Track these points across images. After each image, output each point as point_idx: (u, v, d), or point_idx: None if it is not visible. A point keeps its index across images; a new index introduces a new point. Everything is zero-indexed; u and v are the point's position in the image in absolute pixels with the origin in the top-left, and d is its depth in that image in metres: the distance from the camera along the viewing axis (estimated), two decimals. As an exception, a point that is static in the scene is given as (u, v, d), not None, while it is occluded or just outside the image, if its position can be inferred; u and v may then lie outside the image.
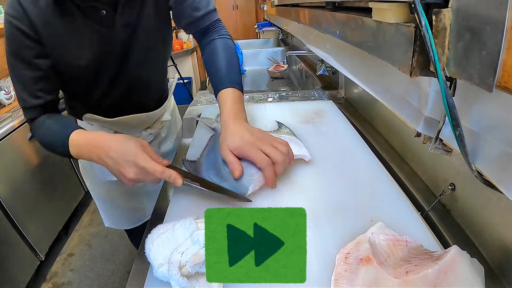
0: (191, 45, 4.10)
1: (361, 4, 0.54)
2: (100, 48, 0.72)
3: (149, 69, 0.85)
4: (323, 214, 0.60)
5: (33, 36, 0.66)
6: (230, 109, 0.70)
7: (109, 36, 0.72)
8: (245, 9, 5.56)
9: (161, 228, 0.54)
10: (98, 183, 1.00)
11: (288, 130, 0.85)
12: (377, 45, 0.47)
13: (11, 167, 1.63)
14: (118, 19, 0.71)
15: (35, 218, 1.74)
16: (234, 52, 0.80)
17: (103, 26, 0.71)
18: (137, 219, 1.09)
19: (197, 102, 1.33)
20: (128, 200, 1.03)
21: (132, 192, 1.02)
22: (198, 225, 0.52)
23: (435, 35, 0.33)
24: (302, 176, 0.71)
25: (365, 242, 0.49)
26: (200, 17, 0.79)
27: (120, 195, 1.02)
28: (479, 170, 0.38)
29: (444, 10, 0.31)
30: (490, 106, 0.36)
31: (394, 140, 0.88)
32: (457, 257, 0.42)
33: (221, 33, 0.82)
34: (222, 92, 0.73)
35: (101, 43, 0.72)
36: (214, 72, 0.76)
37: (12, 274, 1.54)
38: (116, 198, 1.02)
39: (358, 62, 0.71)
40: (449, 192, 0.61)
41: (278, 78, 2.08)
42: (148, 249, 0.51)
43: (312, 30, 1.05)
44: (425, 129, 0.51)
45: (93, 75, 0.76)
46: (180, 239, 0.50)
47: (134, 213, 1.06)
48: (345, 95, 1.31)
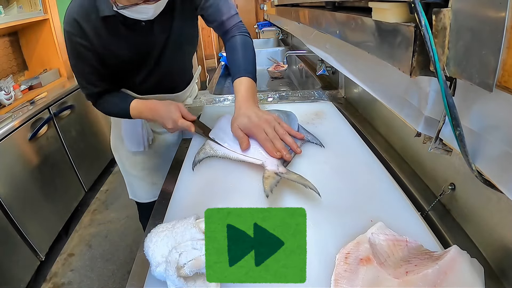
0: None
1: (361, 4, 0.54)
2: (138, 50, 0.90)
3: (179, 63, 1.05)
4: (323, 214, 0.60)
5: (88, 45, 0.84)
6: (243, 94, 0.84)
7: (148, 41, 0.90)
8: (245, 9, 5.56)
9: (161, 227, 0.54)
10: (127, 156, 1.18)
11: None
12: (377, 45, 0.47)
13: (11, 167, 1.63)
14: (156, 27, 0.88)
15: (35, 218, 1.74)
16: (251, 47, 0.95)
17: (143, 35, 0.88)
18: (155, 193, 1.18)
19: (197, 102, 1.34)
20: (149, 173, 1.20)
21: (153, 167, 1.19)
22: (199, 225, 0.52)
23: (435, 35, 0.33)
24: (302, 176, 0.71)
25: (365, 242, 0.49)
26: (224, 20, 0.95)
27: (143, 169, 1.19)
28: (479, 170, 0.38)
29: (444, 10, 0.31)
30: (490, 106, 0.36)
31: (394, 140, 0.88)
32: (457, 257, 0.42)
33: (241, 31, 0.96)
34: (238, 79, 0.88)
35: (140, 47, 0.90)
36: (232, 62, 0.93)
37: (12, 274, 1.54)
38: (140, 170, 1.19)
39: (358, 62, 0.71)
40: (449, 192, 0.61)
41: (278, 78, 2.08)
42: (147, 247, 0.52)
43: (312, 30, 1.05)
44: (425, 129, 0.51)
45: (134, 69, 0.95)
46: (179, 239, 0.50)
47: (154, 186, 1.22)
48: (345, 95, 1.31)
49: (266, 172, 0.69)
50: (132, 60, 0.92)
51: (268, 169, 0.70)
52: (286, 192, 0.67)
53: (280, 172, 0.68)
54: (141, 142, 1.12)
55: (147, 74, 0.98)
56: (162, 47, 0.93)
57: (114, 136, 1.19)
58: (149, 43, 0.90)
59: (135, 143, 1.12)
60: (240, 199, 0.67)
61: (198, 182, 0.74)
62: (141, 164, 1.19)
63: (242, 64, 0.91)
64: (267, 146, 0.73)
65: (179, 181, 0.75)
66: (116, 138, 1.19)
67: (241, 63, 0.91)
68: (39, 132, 1.84)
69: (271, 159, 0.72)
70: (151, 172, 1.20)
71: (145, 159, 1.18)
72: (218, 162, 0.79)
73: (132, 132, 1.10)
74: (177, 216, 0.59)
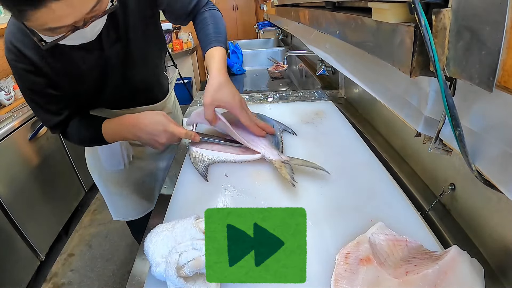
0: (191, 45, 4.10)
1: (361, 4, 0.54)
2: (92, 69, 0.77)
3: (150, 69, 0.92)
4: (323, 214, 0.60)
5: (35, 71, 0.71)
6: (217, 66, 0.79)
7: (99, 56, 0.76)
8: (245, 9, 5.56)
9: (161, 227, 0.54)
10: (106, 175, 1.06)
11: None
12: (377, 45, 0.47)
13: (11, 167, 1.63)
14: (105, 41, 0.74)
15: (36, 218, 1.74)
16: (220, 19, 0.90)
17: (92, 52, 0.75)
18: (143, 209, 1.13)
19: (197, 102, 1.34)
20: (134, 190, 1.09)
21: (137, 182, 1.08)
22: (199, 225, 0.52)
23: (435, 35, 0.33)
24: (302, 176, 0.71)
25: (365, 242, 0.49)
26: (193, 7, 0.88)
27: (127, 186, 1.07)
28: (479, 170, 0.38)
29: (443, 10, 0.31)
30: (490, 106, 0.36)
31: (394, 140, 0.88)
32: (457, 257, 0.42)
33: (208, 7, 0.91)
34: (211, 49, 0.82)
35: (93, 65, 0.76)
36: (203, 34, 0.86)
37: (13, 274, 1.54)
38: (123, 188, 1.08)
39: (358, 62, 0.71)
40: (449, 192, 0.61)
41: (278, 78, 2.08)
42: (147, 247, 0.52)
43: (312, 30, 1.05)
44: (425, 129, 0.51)
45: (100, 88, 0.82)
46: (179, 239, 0.50)
47: (140, 202, 1.12)
48: (345, 95, 1.31)
49: (274, 162, 0.70)
50: (89, 80, 0.78)
51: (274, 160, 0.71)
52: (286, 192, 0.67)
53: (285, 160, 0.69)
54: (120, 160, 1.01)
55: (116, 90, 0.85)
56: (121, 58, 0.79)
57: (90, 154, 1.07)
58: (101, 58, 0.76)
59: (114, 162, 1.01)
60: (240, 199, 0.67)
61: (198, 182, 0.74)
62: (125, 181, 1.08)
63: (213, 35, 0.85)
64: (253, 128, 0.77)
65: (179, 181, 0.75)
66: (92, 157, 1.06)
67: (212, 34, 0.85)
68: (39, 132, 1.84)
69: (269, 149, 0.74)
70: (137, 188, 1.10)
71: (128, 175, 1.07)
72: (218, 162, 0.79)
73: (110, 149, 0.98)
74: (177, 216, 0.59)
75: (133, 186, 1.09)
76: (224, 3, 5.40)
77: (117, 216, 1.15)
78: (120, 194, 1.10)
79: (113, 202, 1.13)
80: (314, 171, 0.72)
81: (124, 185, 1.08)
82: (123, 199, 1.11)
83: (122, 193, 1.09)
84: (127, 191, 1.09)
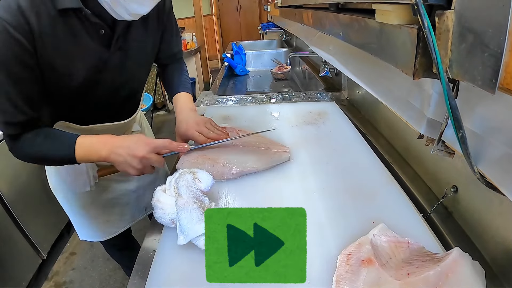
0: (195, 46, 4.10)
1: (364, 6, 0.54)
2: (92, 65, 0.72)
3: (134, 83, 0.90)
4: (325, 215, 0.60)
5: (29, 47, 0.61)
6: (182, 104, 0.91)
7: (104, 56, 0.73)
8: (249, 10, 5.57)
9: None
10: (71, 197, 1.00)
11: None
12: (380, 47, 0.47)
13: (13, 166, 1.64)
14: (114, 43, 0.72)
15: (37, 217, 1.75)
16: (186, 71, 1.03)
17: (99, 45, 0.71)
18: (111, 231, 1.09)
19: (201, 102, 1.34)
20: (102, 212, 1.04)
21: (105, 203, 1.03)
22: (195, 176, 0.63)
23: (438, 37, 0.33)
24: (304, 177, 0.71)
25: (366, 243, 0.49)
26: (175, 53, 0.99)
27: (94, 207, 1.02)
28: (482, 172, 0.38)
29: (447, 12, 0.31)
30: (492, 108, 0.36)
31: (397, 141, 0.88)
32: (458, 259, 0.42)
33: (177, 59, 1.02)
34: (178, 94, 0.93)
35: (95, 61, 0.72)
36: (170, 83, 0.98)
37: (14, 273, 1.54)
38: (90, 209, 1.02)
39: (361, 63, 0.71)
40: (451, 194, 0.61)
41: (281, 80, 2.08)
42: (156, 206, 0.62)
43: (316, 31, 1.05)
44: (428, 131, 0.51)
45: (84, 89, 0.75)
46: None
47: (108, 224, 1.07)
48: (348, 97, 1.30)
49: None
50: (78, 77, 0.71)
51: None
52: (287, 192, 0.67)
53: None
54: (86, 181, 0.93)
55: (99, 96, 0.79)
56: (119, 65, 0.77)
57: (52, 174, 0.98)
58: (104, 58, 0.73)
59: (80, 183, 0.93)
60: (240, 198, 0.67)
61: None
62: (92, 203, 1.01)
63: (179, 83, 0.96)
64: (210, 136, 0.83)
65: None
66: (55, 176, 0.99)
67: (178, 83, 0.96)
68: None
69: None
70: (105, 210, 1.03)
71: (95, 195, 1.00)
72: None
73: (75, 169, 0.89)
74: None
75: (102, 208, 1.03)
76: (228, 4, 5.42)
77: (83, 237, 1.10)
78: (85, 215, 1.04)
79: (79, 223, 1.07)
80: (316, 171, 0.72)
81: (91, 207, 1.02)
82: (89, 220, 1.05)
83: (88, 214, 1.03)
84: (95, 212, 1.03)
